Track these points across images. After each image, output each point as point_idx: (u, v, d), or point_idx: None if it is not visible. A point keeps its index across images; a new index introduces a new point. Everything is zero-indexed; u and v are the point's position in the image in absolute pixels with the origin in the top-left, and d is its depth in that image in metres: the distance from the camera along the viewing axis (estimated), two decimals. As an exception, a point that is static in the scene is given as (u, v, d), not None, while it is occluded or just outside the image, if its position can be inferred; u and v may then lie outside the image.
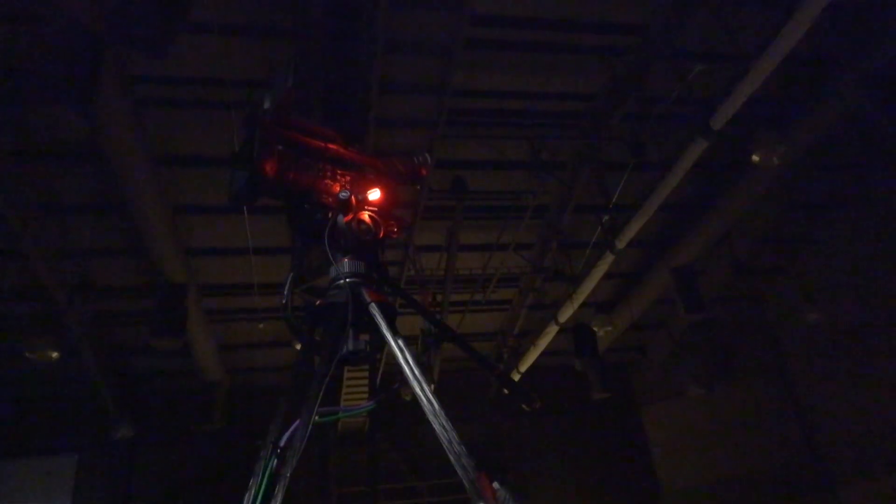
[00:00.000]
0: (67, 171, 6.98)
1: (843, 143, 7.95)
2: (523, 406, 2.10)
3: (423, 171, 2.24)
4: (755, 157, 6.64)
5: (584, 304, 9.19)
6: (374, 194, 2.08)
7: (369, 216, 2.00)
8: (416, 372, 1.63)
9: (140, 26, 3.90)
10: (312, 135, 2.04)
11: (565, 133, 7.62)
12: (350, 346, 1.79)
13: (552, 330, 9.60)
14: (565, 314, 9.19)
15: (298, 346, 2.26)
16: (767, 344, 10.95)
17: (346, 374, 9.60)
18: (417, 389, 1.58)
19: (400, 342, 1.72)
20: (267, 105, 1.96)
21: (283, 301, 1.89)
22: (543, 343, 9.80)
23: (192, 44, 5.54)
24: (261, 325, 9.65)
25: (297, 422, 1.56)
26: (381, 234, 2.00)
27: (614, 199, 7.90)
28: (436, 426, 1.51)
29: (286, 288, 1.90)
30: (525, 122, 7.41)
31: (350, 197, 1.97)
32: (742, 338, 11.28)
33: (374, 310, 1.80)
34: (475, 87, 6.92)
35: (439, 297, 8.62)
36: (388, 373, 9.64)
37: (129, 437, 10.19)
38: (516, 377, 10.50)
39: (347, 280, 1.88)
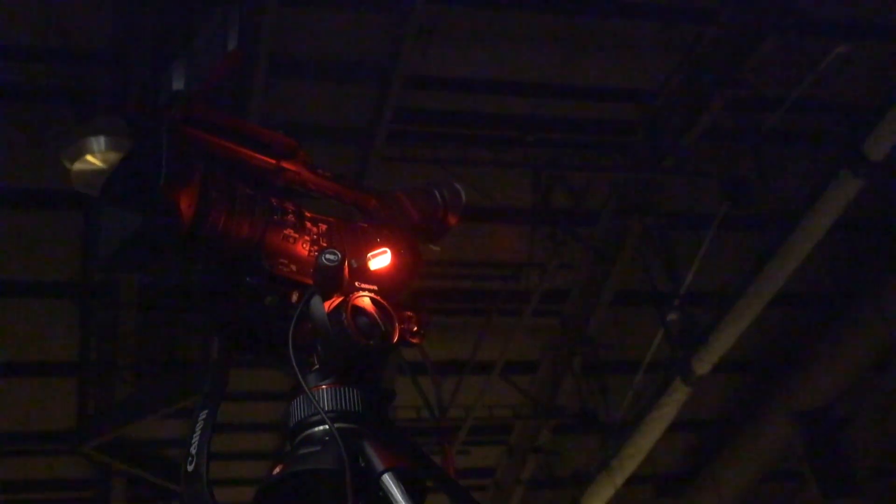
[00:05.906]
0: None
1: None
2: None
3: (452, 220, 2.28)
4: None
5: (632, 480, 9.03)
6: (381, 260, 2.02)
7: (372, 301, 1.92)
8: None
9: None
10: (253, 143, 1.97)
11: (597, 160, 7.93)
12: None
13: (574, 528, 9.74)
14: (600, 497, 9.05)
15: None
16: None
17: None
18: None
19: None
20: (178, 85, 1.92)
21: (190, 466, 1.79)
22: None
23: None
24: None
25: None
26: (395, 338, 1.93)
27: (688, 282, 8.00)
28: None
29: (194, 437, 1.81)
30: (525, 137, 7.64)
31: (341, 263, 1.86)
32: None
33: (391, 484, 1.72)
34: (439, 71, 7.08)
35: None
36: None
37: None
38: None
39: (335, 427, 1.78)
